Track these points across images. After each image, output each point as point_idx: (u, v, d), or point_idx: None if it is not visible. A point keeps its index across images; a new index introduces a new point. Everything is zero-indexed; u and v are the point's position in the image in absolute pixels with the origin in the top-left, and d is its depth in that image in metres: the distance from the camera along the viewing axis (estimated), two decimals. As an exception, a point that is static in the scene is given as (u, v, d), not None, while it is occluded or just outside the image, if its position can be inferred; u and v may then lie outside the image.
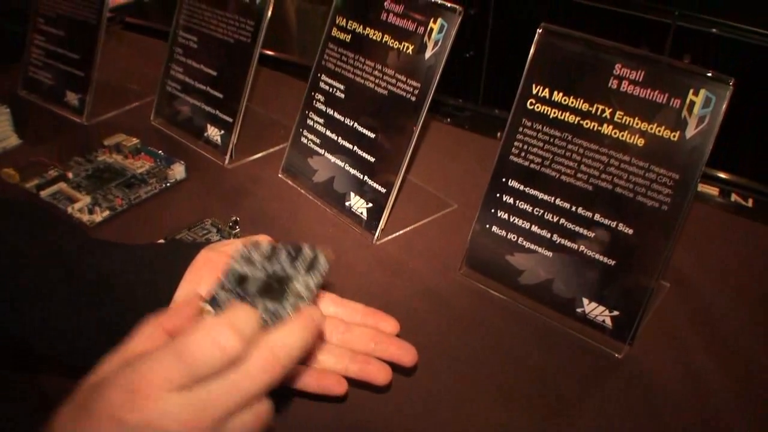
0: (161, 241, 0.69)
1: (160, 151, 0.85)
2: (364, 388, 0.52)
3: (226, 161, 0.85)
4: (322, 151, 0.77)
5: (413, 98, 0.68)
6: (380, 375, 0.51)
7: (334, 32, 0.75)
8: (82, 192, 0.77)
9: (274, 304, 0.45)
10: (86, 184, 0.79)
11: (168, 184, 0.80)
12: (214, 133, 0.86)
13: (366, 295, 0.64)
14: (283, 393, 0.49)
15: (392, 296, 0.65)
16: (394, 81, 0.69)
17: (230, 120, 0.83)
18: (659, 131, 0.54)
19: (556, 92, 0.59)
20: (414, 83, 0.67)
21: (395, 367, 0.52)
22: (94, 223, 0.73)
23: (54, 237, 0.55)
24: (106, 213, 0.74)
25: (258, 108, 0.96)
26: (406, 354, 0.53)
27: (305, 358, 0.50)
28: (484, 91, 0.95)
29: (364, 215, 0.72)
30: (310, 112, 0.79)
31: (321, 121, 0.77)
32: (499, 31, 1.27)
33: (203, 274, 0.53)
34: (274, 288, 0.46)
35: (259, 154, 0.87)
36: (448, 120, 0.96)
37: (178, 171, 0.81)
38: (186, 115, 0.89)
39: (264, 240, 0.51)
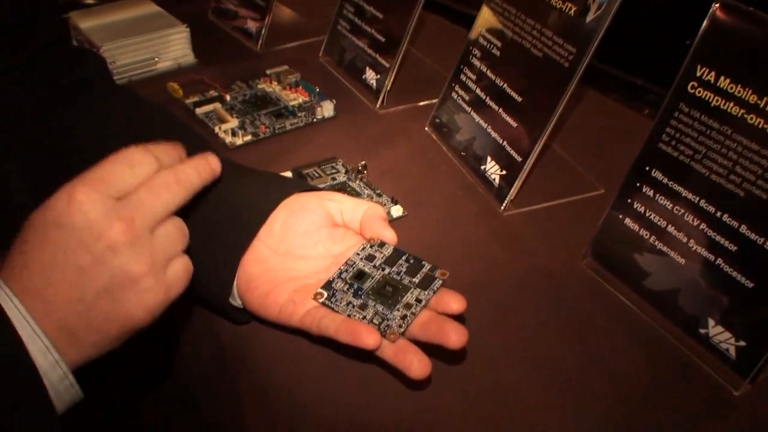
0: (288, 173, 0.69)
1: (317, 88, 0.85)
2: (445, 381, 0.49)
3: (377, 106, 0.83)
4: (468, 110, 0.73)
5: (566, 64, 0.61)
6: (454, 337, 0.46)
7: (502, -16, 0.70)
8: (234, 115, 0.79)
9: (383, 308, 0.48)
10: (239, 108, 0.81)
11: (315, 120, 0.80)
12: (371, 76, 0.84)
13: (477, 264, 0.61)
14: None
15: (504, 272, 0.60)
16: (550, 43, 0.63)
17: (387, 65, 0.81)
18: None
19: (722, 78, 0.50)
20: (570, 47, 0.61)
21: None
22: (234, 146, 0.75)
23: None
24: (248, 138, 0.76)
25: (425, 57, 0.93)
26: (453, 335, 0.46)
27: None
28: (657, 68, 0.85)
29: (497, 182, 0.68)
30: (465, 68, 0.75)
31: (473, 77, 0.73)
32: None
33: (296, 215, 0.53)
34: (387, 293, 0.49)
35: (412, 104, 0.84)
36: (620, 96, 0.87)
37: (327, 109, 0.81)
38: (350, 55, 0.89)
39: (391, 237, 0.53)
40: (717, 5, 0.51)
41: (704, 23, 0.52)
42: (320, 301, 0.49)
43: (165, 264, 0.42)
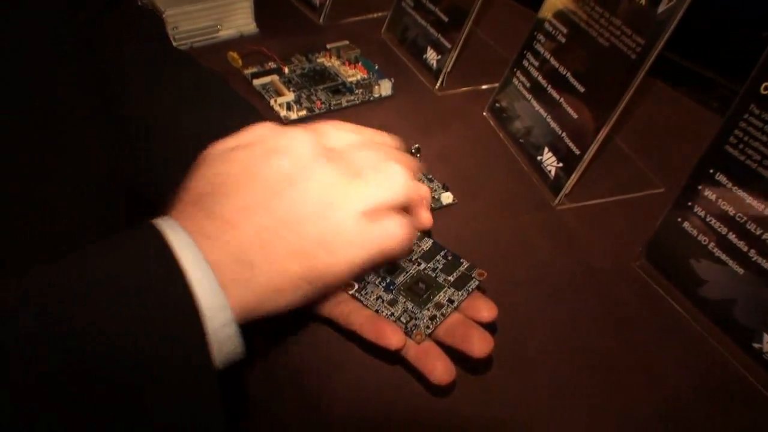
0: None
1: (376, 65, 0.84)
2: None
3: (436, 87, 0.81)
4: (529, 97, 0.71)
5: (634, 55, 0.59)
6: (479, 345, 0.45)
7: (573, -32, 0.67)
8: (291, 88, 0.78)
9: (413, 306, 0.46)
10: (297, 81, 0.80)
11: (372, 98, 0.79)
12: (432, 56, 0.83)
13: (525, 259, 0.59)
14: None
15: (553, 268, 0.58)
16: (618, 33, 0.61)
17: (449, 45, 0.80)
18: None
19: (800, 80, 0.47)
20: (638, 39, 0.58)
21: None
22: (288, 120, 0.74)
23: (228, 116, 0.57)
24: (303, 113, 0.75)
25: (489, 39, 0.91)
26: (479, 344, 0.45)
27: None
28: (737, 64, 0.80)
29: (552, 174, 0.66)
30: (528, 53, 0.72)
31: (536, 64, 0.71)
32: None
33: None
34: (419, 290, 0.48)
35: (472, 87, 0.82)
36: (688, 90, 0.83)
37: (385, 87, 0.80)
38: (412, 33, 0.87)
39: (426, 219, 0.49)
40: (801, 2, 0.48)
41: (785, 21, 0.48)
42: (350, 292, 0.48)
43: (366, 217, 0.38)
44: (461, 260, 0.50)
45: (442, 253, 0.50)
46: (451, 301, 0.47)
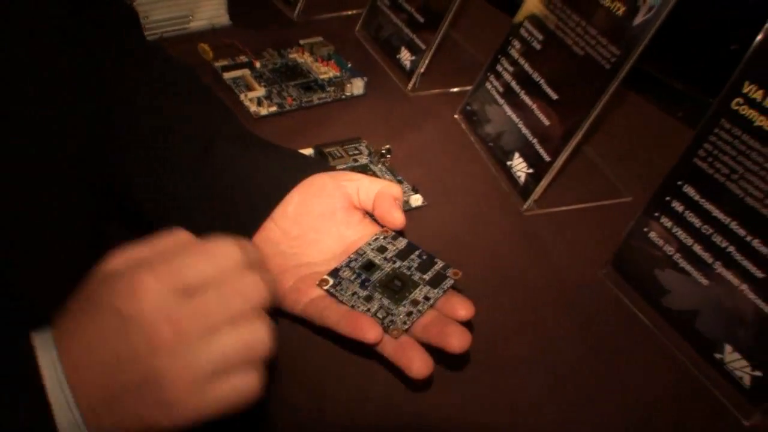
0: (309, 150, 0.68)
1: (349, 63, 0.83)
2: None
3: (409, 88, 0.81)
4: (501, 101, 0.71)
5: (608, 65, 0.59)
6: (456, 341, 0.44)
7: (549, -24, 0.68)
8: (262, 84, 0.78)
9: (389, 302, 0.46)
10: (268, 76, 0.79)
11: (343, 96, 0.79)
12: (406, 56, 0.83)
13: (493, 264, 0.59)
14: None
15: (520, 274, 0.59)
16: (593, 42, 0.61)
17: (424, 46, 0.80)
18: None
19: (770, 97, 0.48)
20: (613, 49, 0.59)
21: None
22: (258, 116, 0.73)
23: (207, 113, 0.57)
24: (273, 108, 0.74)
25: (464, 42, 0.91)
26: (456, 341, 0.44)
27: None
28: (709, 78, 0.82)
29: (522, 180, 0.66)
30: (503, 58, 0.72)
31: (510, 69, 0.71)
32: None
33: (312, 197, 0.51)
34: (395, 287, 0.48)
35: (444, 90, 0.82)
36: (665, 103, 0.84)
37: (357, 86, 0.79)
38: (387, 32, 0.87)
39: (399, 219, 0.51)
40: (773, 20, 0.48)
41: (757, 38, 0.49)
42: (325, 288, 0.47)
43: (210, 378, 0.36)
44: (435, 260, 0.49)
45: (417, 253, 0.50)
46: (427, 298, 0.46)
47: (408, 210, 0.63)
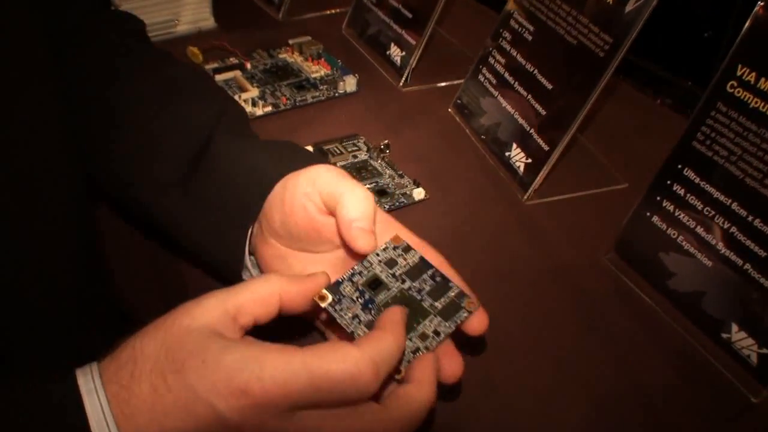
0: (309, 147, 0.68)
1: (339, 61, 0.83)
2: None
3: (401, 83, 0.82)
4: (495, 93, 0.72)
5: (601, 54, 0.60)
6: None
7: (538, -33, 0.68)
8: (254, 84, 0.77)
9: None
10: (260, 77, 0.79)
11: (337, 94, 0.79)
12: (396, 52, 0.83)
13: (497, 254, 0.60)
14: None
15: (524, 263, 0.59)
16: (585, 31, 0.62)
17: (413, 42, 0.80)
18: None
19: (764, 80, 0.49)
20: (606, 37, 0.59)
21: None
22: (254, 117, 0.73)
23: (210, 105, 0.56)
24: (268, 109, 0.74)
25: (451, 37, 0.91)
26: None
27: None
28: (695, 65, 0.83)
29: (521, 170, 0.67)
30: (494, 50, 0.73)
31: (503, 61, 0.72)
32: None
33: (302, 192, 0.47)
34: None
35: (436, 84, 0.83)
36: (650, 90, 0.86)
37: (350, 83, 0.79)
38: (374, 29, 0.87)
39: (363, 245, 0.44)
40: (761, 5, 0.49)
41: (747, 23, 0.50)
42: (323, 305, 0.41)
43: None
44: (450, 284, 0.43)
45: (429, 273, 0.44)
46: (437, 333, 0.41)
47: (411, 204, 0.63)
